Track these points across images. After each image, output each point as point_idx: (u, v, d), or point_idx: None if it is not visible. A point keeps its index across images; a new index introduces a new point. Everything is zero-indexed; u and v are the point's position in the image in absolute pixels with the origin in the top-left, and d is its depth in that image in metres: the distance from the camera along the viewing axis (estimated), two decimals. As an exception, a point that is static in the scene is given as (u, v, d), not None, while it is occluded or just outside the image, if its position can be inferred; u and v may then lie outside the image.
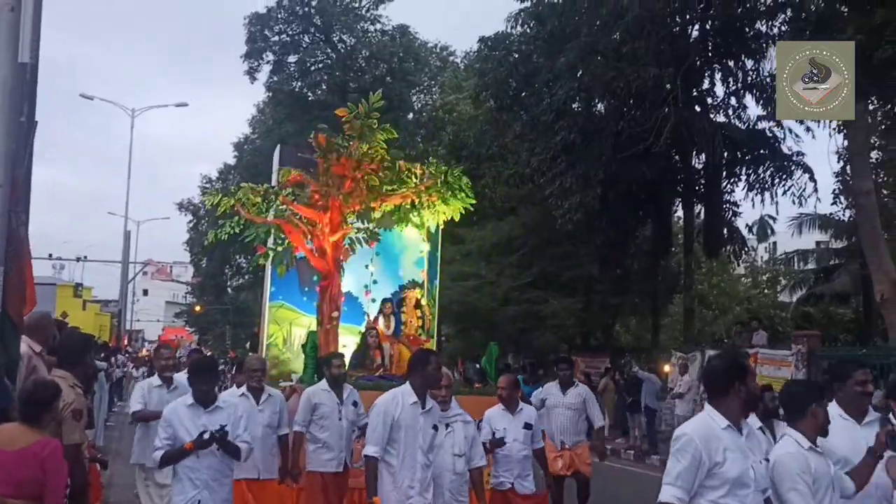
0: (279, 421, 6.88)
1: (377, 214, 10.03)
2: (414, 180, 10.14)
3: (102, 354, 16.58)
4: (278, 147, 12.34)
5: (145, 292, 70.12)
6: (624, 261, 25.77)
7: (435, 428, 5.34)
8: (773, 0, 20.31)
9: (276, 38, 35.22)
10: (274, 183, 10.50)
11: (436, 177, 10.30)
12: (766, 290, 35.10)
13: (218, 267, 45.99)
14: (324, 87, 35.42)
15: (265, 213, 9.68)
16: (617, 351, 25.19)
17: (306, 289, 11.19)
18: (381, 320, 10.84)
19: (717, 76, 22.81)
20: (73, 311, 26.07)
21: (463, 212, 10.51)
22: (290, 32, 35.32)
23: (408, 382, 5.38)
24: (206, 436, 5.17)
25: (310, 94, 35.74)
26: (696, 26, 22.06)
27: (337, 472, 6.89)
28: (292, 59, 35.51)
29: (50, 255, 42.08)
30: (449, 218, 10.74)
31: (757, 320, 20.59)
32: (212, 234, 10.31)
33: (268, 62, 35.22)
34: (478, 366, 10.14)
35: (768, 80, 21.93)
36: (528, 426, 6.88)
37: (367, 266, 11.36)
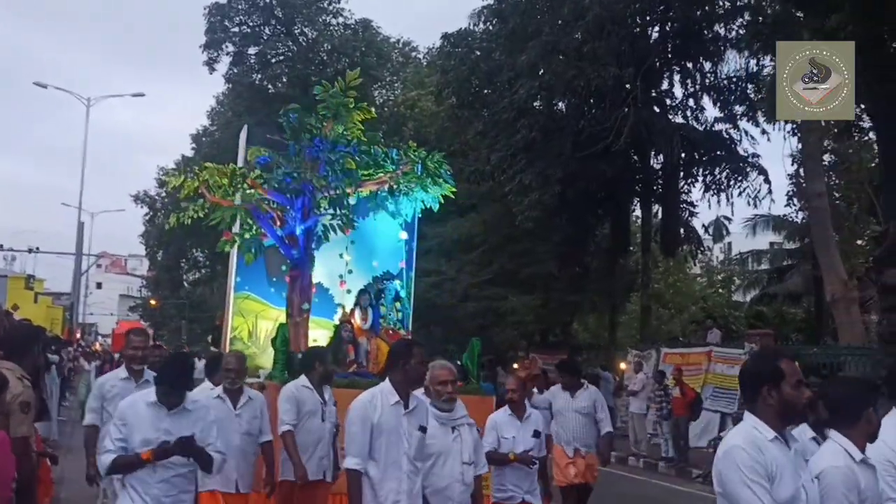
0: (260, 427, 6.12)
1: (352, 201, 9.32)
2: (391, 166, 9.54)
3: (53, 347, 16.24)
4: (245, 127, 11.49)
5: (99, 285, 69.10)
6: (582, 259, 25.97)
7: (422, 430, 4.60)
8: (731, 3, 20.66)
9: (237, 29, 34.84)
10: (240, 164, 9.76)
11: (414, 162, 9.69)
12: (720, 290, 35.65)
13: (174, 260, 45.41)
14: (284, 80, 35.11)
15: (232, 196, 8.94)
16: (575, 348, 25.39)
17: (274, 279, 10.43)
18: (357, 313, 10.05)
19: (676, 77, 23.17)
20: (24, 304, 25.53)
21: (442, 200, 9.96)
22: (251, 24, 34.96)
23: (387, 379, 4.64)
24: (171, 444, 4.40)
25: (270, 86, 35.41)
26: (656, 28, 22.35)
27: (316, 480, 6.18)
28: (252, 50, 35.16)
29: (1, 246, 41.14)
30: (428, 206, 10.12)
31: (712, 319, 20.99)
32: (173, 218, 9.39)
33: (227, 53, 34.82)
34: (458, 362, 9.76)
35: (725, 82, 22.34)
36: (537, 434, 6.17)
37: (341, 255, 10.58)
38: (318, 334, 9.58)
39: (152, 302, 52.87)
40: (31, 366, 5.02)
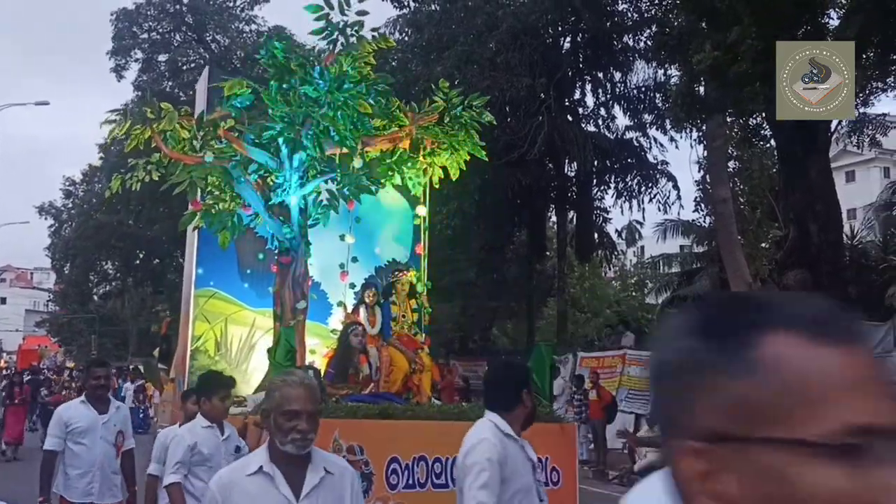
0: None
1: (357, 163, 6.89)
2: (406, 120, 7.38)
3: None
4: (206, 69, 9.17)
5: (3, 300, 66.20)
6: (501, 265, 26.26)
7: None
8: (639, 15, 21.28)
9: (146, 35, 34.02)
10: (203, 118, 7.29)
11: (442, 108, 7.31)
12: (634, 293, 36.50)
13: (82, 273, 43.86)
14: (196, 87, 34.48)
15: (199, 151, 6.80)
16: (494, 354, 25.61)
17: (248, 271, 8.24)
18: (362, 312, 7.75)
19: (588, 87, 23.74)
20: (-81, 323, 24.23)
21: (464, 166, 7.91)
22: (161, 30, 34.20)
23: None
24: None
25: (181, 94, 34.64)
26: (568, 39, 22.85)
27: None
28: (163, 57, 34.38)
29: None
30: (452, 172, 7.81)
31: (625, 323, 21.44)
32: (116, 181, 7.16)
33: (136, 60, 33.97)
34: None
35: (635, 91, 22.99)
36: None
37: (342, 237, 7.92)
38: (314, 343, 7.55)
39: (60, 317, 50.98)
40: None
